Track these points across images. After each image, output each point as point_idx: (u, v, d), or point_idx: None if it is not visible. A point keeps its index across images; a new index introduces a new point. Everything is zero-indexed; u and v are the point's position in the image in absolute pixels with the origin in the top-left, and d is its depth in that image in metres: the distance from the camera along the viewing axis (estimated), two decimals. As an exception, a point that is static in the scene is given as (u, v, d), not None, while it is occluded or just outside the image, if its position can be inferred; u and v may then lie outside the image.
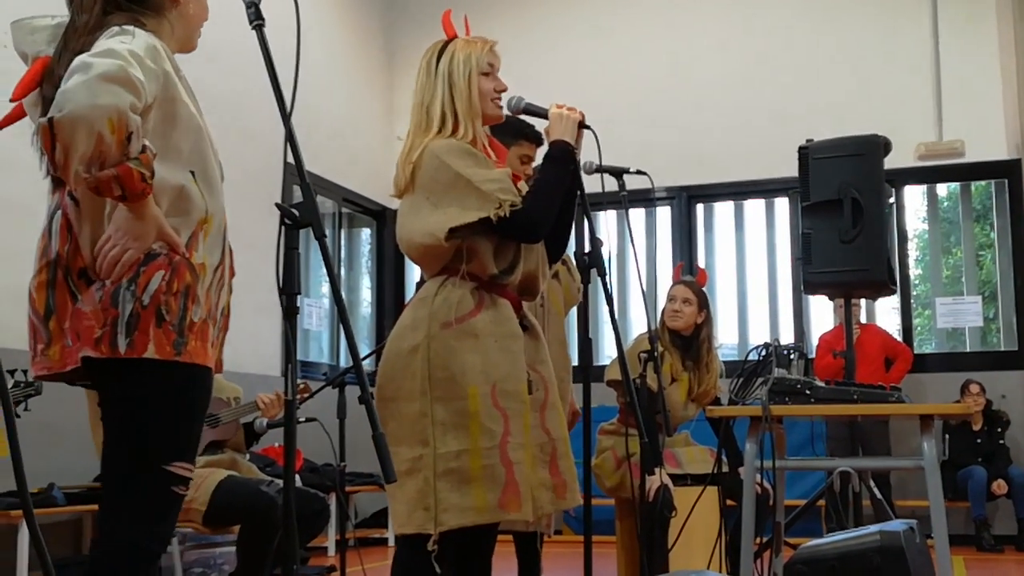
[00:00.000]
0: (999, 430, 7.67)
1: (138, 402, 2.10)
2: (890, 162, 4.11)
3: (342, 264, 9.19)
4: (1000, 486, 7.40)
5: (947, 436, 7.75)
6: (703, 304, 4.70)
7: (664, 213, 9.02)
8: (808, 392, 3.29)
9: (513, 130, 3.64)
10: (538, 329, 2.99)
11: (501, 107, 2.93)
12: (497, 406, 2.70)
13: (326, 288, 8.78)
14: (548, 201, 2.79)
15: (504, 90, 2.91)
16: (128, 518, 2.09)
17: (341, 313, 2.15)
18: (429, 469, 2.66)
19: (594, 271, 3.16)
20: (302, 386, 4.40)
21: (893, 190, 4.74)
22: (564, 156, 2.86)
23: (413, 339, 2.74)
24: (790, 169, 4.17)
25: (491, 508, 2.66)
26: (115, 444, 2.12)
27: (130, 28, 2.11)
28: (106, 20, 2.14)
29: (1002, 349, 8.33)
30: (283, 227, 2.11)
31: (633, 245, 3.66)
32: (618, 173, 4.05)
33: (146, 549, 2.09)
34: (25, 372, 3.18)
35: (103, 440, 2.13)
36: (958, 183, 8.65)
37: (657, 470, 3.98)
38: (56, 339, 2.10)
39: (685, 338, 4.68)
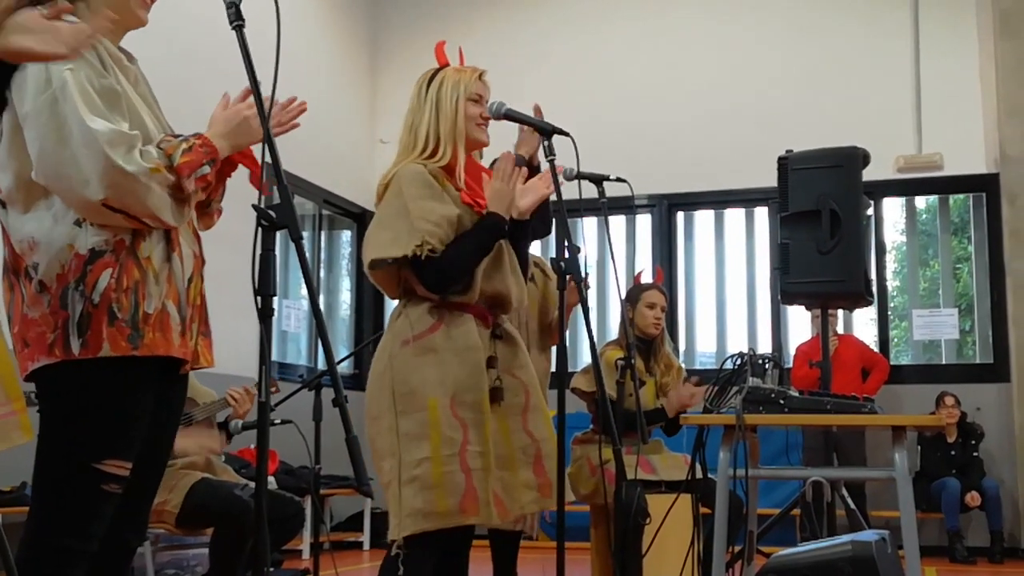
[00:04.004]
0: (973, 442, 7.71)
1: (75, 401, 2.07)
2: (869, 174, 4.14)
3: (322, 266, 9.15)
4: (974, 498, 7.44)
5: (920, 447, 7.79)
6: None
7: (644, 221, 9.03)
8: (782, 402, 3.30)
9: None
10: (516, 336, 3.07)
11: (486, 133, 3.02)
12: (456, 416, 2.81)
13: (305, 290, 8.73)
14: (464, 261, 2.86)
15: (488, 119, 2.98)
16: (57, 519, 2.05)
17: (317, 319, 2.16)
18: (396, 478, 2.78)
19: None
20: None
21: (872, 202, 4.76)
22: (494, 229, 2.90)
23: (382, 359, 2.89)
24: (770, 179, 4.19)
25: (452, 513, 2.76)
26: (49, 442, 2.08)
27: None
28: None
29: (977, 362, 8.38)
30: (259, 229, 2.11)
31: (612, 253, 3.67)
32: (598, 180, 4.06)
33: (75, 550, 2.05)
34: None
35: (39, 438, 2.09)
36: (936, 196, 8.70)
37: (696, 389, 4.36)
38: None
39: (647, 342, 4.73)
